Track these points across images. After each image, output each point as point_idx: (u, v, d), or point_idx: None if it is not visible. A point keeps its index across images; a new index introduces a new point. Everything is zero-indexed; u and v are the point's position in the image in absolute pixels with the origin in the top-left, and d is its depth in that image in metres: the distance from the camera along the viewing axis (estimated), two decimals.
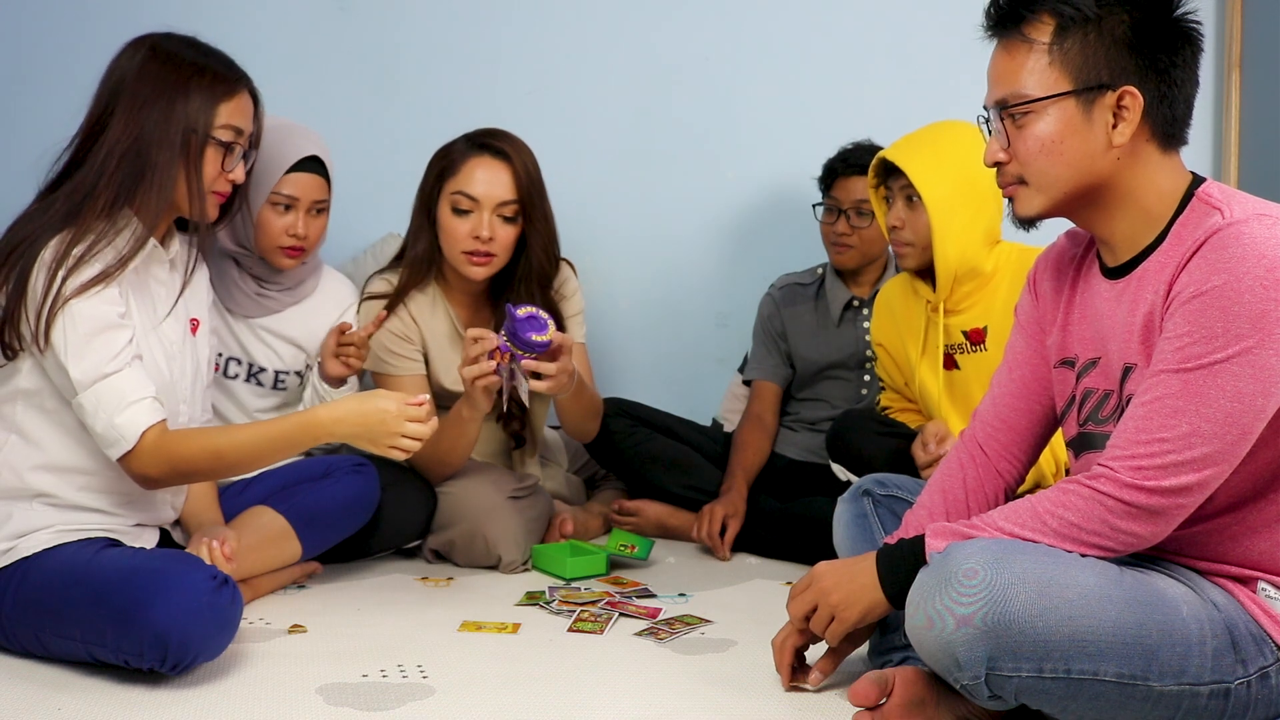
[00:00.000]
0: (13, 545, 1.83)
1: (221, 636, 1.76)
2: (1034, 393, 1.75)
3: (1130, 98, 1.50)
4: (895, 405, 2.64)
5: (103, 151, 1.86)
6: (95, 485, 1.91)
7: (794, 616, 1.72)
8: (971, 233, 2.32)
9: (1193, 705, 1.46)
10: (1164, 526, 1.48)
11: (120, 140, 1.86)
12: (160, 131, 1.87)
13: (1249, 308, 1.42)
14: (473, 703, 1.70)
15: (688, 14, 3.28)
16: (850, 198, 2.81)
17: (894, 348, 2.56)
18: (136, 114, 1.87)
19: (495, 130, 2.56)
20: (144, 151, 1.86)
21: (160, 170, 1.87)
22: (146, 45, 1.93)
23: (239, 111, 1.96)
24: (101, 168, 1.86)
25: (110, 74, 1.93)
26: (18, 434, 1.88)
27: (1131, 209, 1.55)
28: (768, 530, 2.67)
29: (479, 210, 2.49)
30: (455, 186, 2.50)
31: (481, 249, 2.49)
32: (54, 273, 1.80)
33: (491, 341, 2.29)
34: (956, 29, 2.32)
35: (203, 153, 1.91)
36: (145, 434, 1.82)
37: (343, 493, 2.30)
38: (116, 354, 1.83)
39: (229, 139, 1.94)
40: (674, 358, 3.34)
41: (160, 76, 1.90)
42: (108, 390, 1.81)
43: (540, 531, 2.61)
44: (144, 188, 1.87)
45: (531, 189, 2.52)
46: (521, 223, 2.54)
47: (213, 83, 1.92)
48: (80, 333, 1.80)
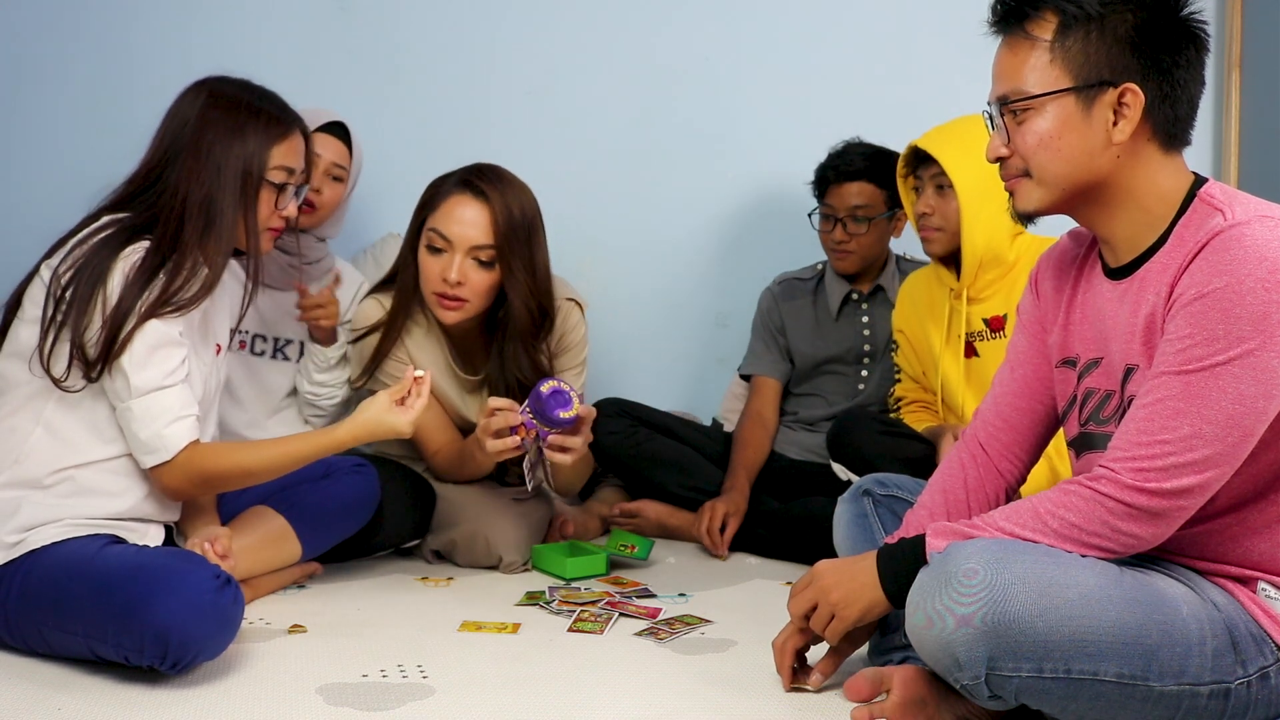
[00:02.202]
0: (22, 538, 1.85)
1: (223, 636, 1.77)
2: (1035, 392, 1.75)
3: (1131, 95, 1.50)
4: (910, 395, 2.65)
5: (180, 194, 1.95)
6: (110, 478, 1.94)
7: (794, 615, 1.72)
8: (999, 221, 2.38)
9: (1193, 705, 1.46)
10: (1165, 528, 1.48)
11: (195, 185, 1.95)
12: (222, 178, 1.97)
13: (1251, 310, 1.42)
14: (473, 703, 1.70)
15: (688, 14, 3.28)
16: (845, 204, 2.81)
17: (916, 335, 2.61)
18: (203, 160, 1.97)
19: (487, 168, 2.44)
20: (212, 199, 1.96)
21: (225, 216, 1.97)
22: (205, 90, 2.03)
23: (291, 152, 2.05)
24: (183, 210, 1.95)
25: (172, 118, 2.02)
26: (44, 427, 1.92)
27: (1132, 209, 1.55)
28: (767, 530, 2.67)
29: (451, 251, 2.38)
30: (433, 223, 2.40)
31: (449, 292, 2.38)
32: (139, 293, 1.89)
33: (514, 417, 2.23)
34: (956, 29, 2.33)
35: (258, 195, 2.00)
36: (184, 449, 1.92)
37: (343, 492, 2.30)
38: (173, 370, 1.92)
39: (281, 180, 2.04)
40: (674, 358, 3.34)
41: (220, 122, 1.99)
42: (160, 402, 1.90)
43: (541, 532, 2.61)
44: (214, 234, 1.96)
45: (511, 234, 2.37)
46: (501, 270, 2.41)
47: (267, 126, 2.02)
48: (148, 344, 1.90)
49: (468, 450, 2.42)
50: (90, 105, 3.18)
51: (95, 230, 1.94)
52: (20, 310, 1.95)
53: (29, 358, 1.91)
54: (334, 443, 2.01)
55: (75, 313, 1.87)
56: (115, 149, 3.15)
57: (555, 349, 2.54)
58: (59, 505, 1.89)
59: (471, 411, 2.56)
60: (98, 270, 1.88)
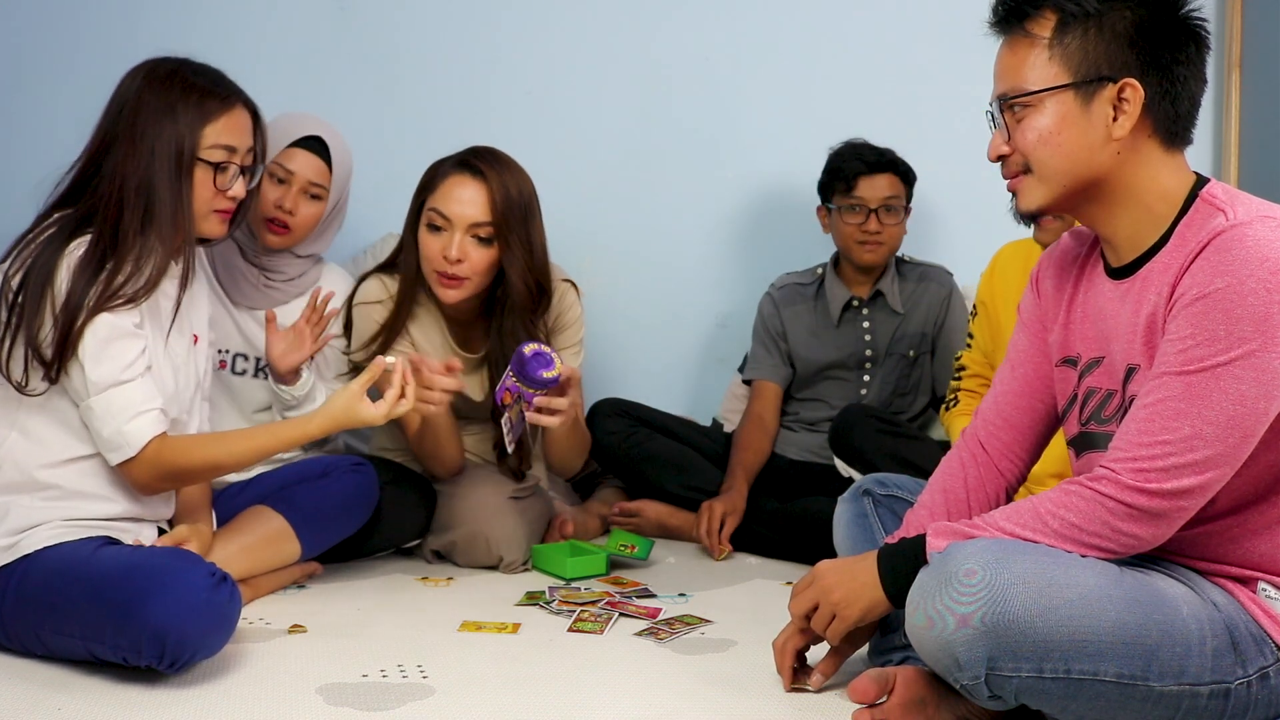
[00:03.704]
0: (14, 541, 1.84)
1: (220, 634, 1.76)
2: (1036, 391, 1.75)
3: (1131, 90, 1.50)
4: (973, 367, 2.59)
5: (117, 181, 1.90)
6: (94, 480, 1.93)
7: (795, 614, 1.72)
8: None
9: (1193, 705, 1.46)
10: (1165, 529, 1.48)
11: (130, 171, 1.90)
12: (156, 160, 1.90)
13: (1252, 310, 1.42)
14: (473, 703, 1.70)
15: (688, 14, 3.28)
16: (878, 195, 2.82)
17: (997, 310, 2.53)
18: (138, 143, 1.91)
19: (485, 150, 2.49)
20: (148, 183, 1.90)
21: (162, 200, 1.91)
22: (143, 71, 1.97)
23: (230, 129, 1.97)
24: (120, 197, 1.89)
25: (113, 101, 1.97)
26: (19, 430, 1.90)
27: (1134, 207, 1.55)
28: (768, 530, 2.67)
29: (450, 230, 2.41)
30: (432, 203, 2.44)
31: (450, 270, 2.41)
32: (85, 288, 1.84)
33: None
34: (957, 29, 2.33)
35: (191, 174, 1.94)
36: (149, 444, 1.88)
37: (341, 492, 2.30)
38: (130, 363, 1.88)
39: (220, 159, 1.96)
40: (674, 358, 3.34)
41: (152, 103, 1.93)
42: (119, 397, 1.87)
43: (540, 532, 2.61)
44: (156, 216, 1.90)
45: (509, 212, 2.42)
46: (499, 246, 2.46)
47: (200, 102, 1.94)
48: (99, 338, 1.86)
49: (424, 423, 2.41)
50: (90, 105, 3.18)
51: (44, 228, 1.90)
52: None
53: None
54: (304, 435, 2.00)
55: (27, 314, 1.84)
56: None
57: (552, 327, 2.57)
58: (47, 508, 1.88)
59: (472, 390, 2.57)
60: (45, 269, 1.85)
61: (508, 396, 2.28)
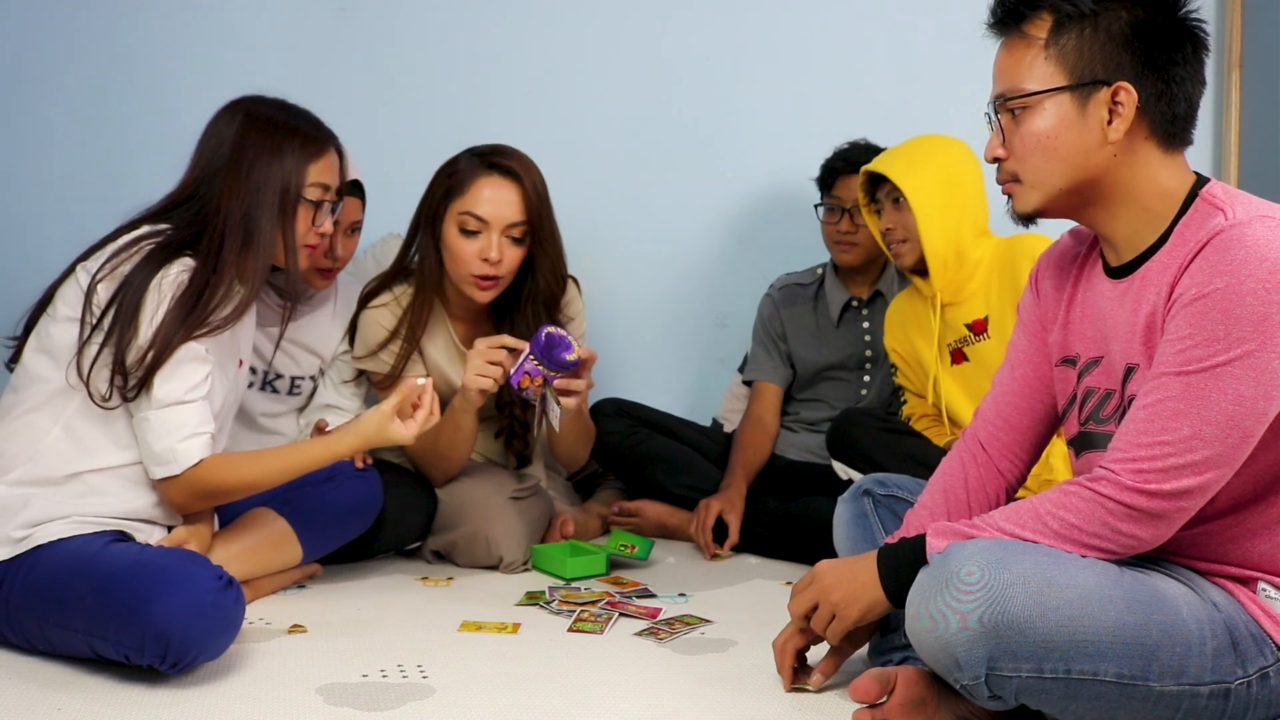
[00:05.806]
0: (29, 533, 1.85)
1: (223, 637, 1.77)
2: (1035, 391, 1.75)
3: (1125, 93, 1.50)
4: (918, 412, 2.67)
5: (221, 214, 1.98)
6: (120, 483, 1.95)
7: (795, 615, 1.72)
8: (955, 221, 2.46)
9: (1193, 705, 1.46)
10: (1165, 529, 1.48)
11: (235, 206, 1.98)
12: (261, 196, 1.99)
13: (1251, 310, 1.42)
14: (473, 703, 1.70)
15: (688, 14, 3.28)
16: (852, 196, 2.81)
17: (909, 354, 2.64)
18: (242, 179, 2.00)
19: (503, 147, 2.50)
20: (251, 216, 1.99)
21: (264, 233, 2.01)
22: (242, 110, 2.06)
23: (327, 169, 2.09)
24: (224, 229, 1.98)
25: (208, 138, 2.06)
26: (63, 428, 1.93)
27: (1132, 208, 1.55)
28: (768, 530, 2.67)
29: (488, 231, 2.42)
30: (463, 206, 2.43)
31: (490, 272, 2.43)
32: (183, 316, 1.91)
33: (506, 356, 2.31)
34: (956, 29, 2.33)
35: (296, 212, 2.03)
36: (195, 466, 1.93)
37: (345, 497, 2.30)
38: (195, 385, 1.95)
39: (318, 197, 2.07)
40: (674, 358, 3.34)
41: (257, 142, 2.02)
42: (178, 416, 1.93)
43: (541, 532, 2.61)
44: (252, 251, 1.99)
45: (541, 209, 2.46)
46: (530, 244, 2.48)
47: (304, 145, 2.05)
48: (175, 359, 1.92)
49: (448, 413, 2.41)
50: (90, 105, 3.19)
51: (135, 240, 1.95)
52: (52, 308, 1.97)
53: (59, 357, 1.93)
54: (335, 454, 2.04)
55: (119, 329, 1.89)
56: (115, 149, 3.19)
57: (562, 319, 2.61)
58: (67, 503, 1.89)
59: None
60: (139, 288, 1.90)
61: (526, 380, 2.30)
